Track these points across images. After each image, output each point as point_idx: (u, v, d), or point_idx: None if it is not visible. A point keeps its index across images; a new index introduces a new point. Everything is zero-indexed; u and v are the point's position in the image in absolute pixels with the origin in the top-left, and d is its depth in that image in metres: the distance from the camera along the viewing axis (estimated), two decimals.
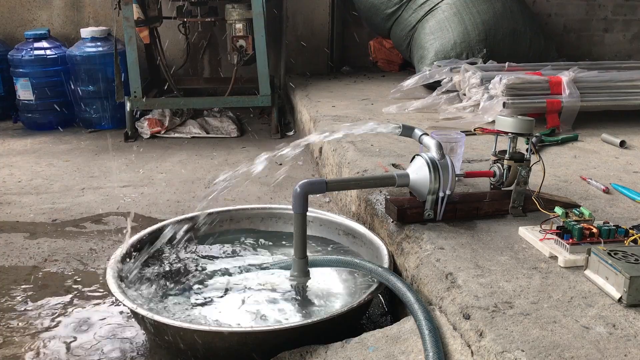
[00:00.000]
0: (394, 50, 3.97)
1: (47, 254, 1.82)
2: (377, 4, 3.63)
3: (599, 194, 1.69)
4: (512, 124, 1.49)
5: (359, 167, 1.95)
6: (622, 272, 1.07)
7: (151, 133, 3.22)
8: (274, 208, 1.82)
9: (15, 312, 1.50)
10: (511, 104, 2.41)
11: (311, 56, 4.02)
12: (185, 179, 2.51)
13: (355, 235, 1.64)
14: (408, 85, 2.99)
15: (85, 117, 3.44)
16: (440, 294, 1.18)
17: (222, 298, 1.43)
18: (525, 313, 1.05)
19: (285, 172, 2.49)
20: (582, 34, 4.46)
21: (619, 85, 2.59)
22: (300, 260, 1.43)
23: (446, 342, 1.06)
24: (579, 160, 2.06)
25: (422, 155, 1.45)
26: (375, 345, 1.11)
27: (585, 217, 1.31)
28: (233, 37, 3.15)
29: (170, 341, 1.27)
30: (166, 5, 3.46)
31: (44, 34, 3.44)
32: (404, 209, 1.47)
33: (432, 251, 1.32)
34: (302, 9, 3.92)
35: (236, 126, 3.31)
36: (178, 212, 2.09)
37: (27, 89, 3.37)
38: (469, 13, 3.27)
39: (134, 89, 3.10)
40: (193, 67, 3.96)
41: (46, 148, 3.05)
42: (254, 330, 1.22)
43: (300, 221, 1.38)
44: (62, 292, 1.59)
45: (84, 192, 2.37)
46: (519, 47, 3.35)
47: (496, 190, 1.58)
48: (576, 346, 0.95)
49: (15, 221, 2.07)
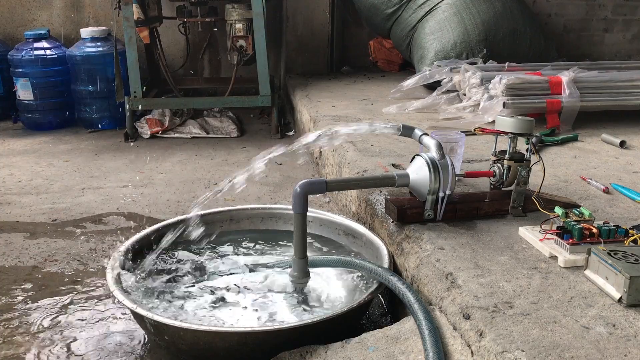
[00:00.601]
0: (394, 50, 3.97)
1: (47, 254, 1.82)
2: (377, 4, 3.63)
3: (599, 194, 1.69)
4: (512, 124, 1.49)
5: (359, 167, 1.95)
6: (622, 272, 1.07)
7: (151, 133, 3.22)
8: (274, 208, 1.82)
9: (15, 312, 1.50)
10: (511, 104, 2.41)
11: (311, 56, 4.02)
12: (185, 179, 2.51)
13: (355, 235, 1.64)
14: (408, 85, 2.99)
15: (85, 117, 3.44)
16: (440, 294, 1.18)
17: (222, 298, 1.43)
18: (525, 313, 1.05)
19: (282, 170, 2.48)
20: (582, 34, 4.45)
21: (619, 85, 2.59)
22: (301, 260, 1.43)
23: (446, 342, 1.06)
24: (579, 160, 2.06)
25: (422, 155, 1.45)
26: (375, 345, 1.11)
27: (585, 217, 1.30)
28: (233, 37, 3.15)
29: (170, 341, 1.27)
30: (166, 5, 3.46)
31: (44, 34, 3.44)
32: (404, 209, 1.47)
33: (432, 251, 1.32)
34: (302, 9, 3.92)
35: (236, 126, 3.31)
36: (178, 212, 2.09)
37: (27, 89, 3.37)
38: (469, 13, 3.27)
39: (134, 89, 3.10)
40: (193, 67, 3.96)
41: (46, 148, 3.05)
42: (254, 330, 1.22)
43: (300, 221, 1.38)
44: (62, 292, 1.59)
45: (84, 192, 2.37)
46: (519, 47, 3.35)
47: (496, 190, 1.58)
48: (576, 346, 0.95)
49: (15, 221, 2.07)
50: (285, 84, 3.69)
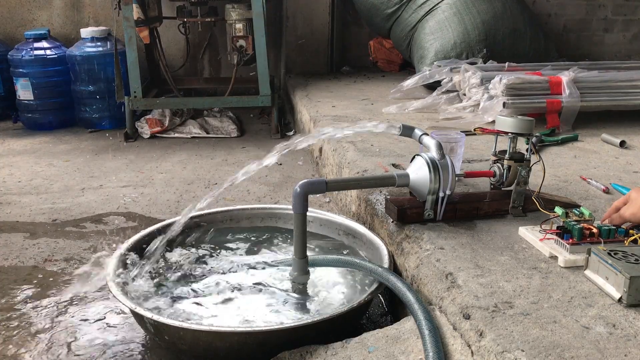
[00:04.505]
0: (394, 50, 3.97)
1: (47, 254, 1.82)
2: (377, 4, 3.63)
3: (599, 194, 1.69)
4: (512, 124, 1.49)
5: (359, 167, 1.95)
6: (622, 272, 1.07)
7: (151, 133, 3.22)
8: (274, 208, 1.82)
9: (15, 312, 1.50)
10: (511, 104, 2.41)
11: (311, 56, 4.02)
12: (185, 179, 2.51)
13: (355, 235, 1.64)
14: (408, 85, 2.99)
15: (85, 117, 3.44)
16: (440, 294, 1.18)
17: (222, 298, 1.42)
18: (525, 313, 1.05)
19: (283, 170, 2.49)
20: (582, 34, 4.46)
21: (619, 85, 2.59)
22: (300, 260, 1.43)
23: (446, 342, 1.06)
24: (579, 160, 2.06)
25: (422, 155, 1.45)
26: (375, 345, 1.11)
27: (585, 217, 1.30)
28: (233, 37, 3.15)
29: (170, 341, 1.27)
30: (166, 5, 3.46)
31: (44, 34, 3.44)
32: (404, 209, 1.47)
33: (432, 251, 1.32)
34: (302, 9, 3.92)
35: (236, 126, 3.31)
36: (178, 212, 2.08)
37: (27, 89, 3.37)
38: (469, 13, 3.27)
39: (134, 89, 3.10)
40: (193, 67, 3.97)
41: (46, 148, 3.05)
42: (254, 330, 1.22)
43: (301, 221, 1.38)
44: (62, 292, 1.59)
45: (84, 192, 2.37)
46: (519, 47, 3.35)
47: (496, 190, 1.58)
48: (576, 346, 0.95)
49: (15, 221, 2.07)
50: (285, 84, 3.69)
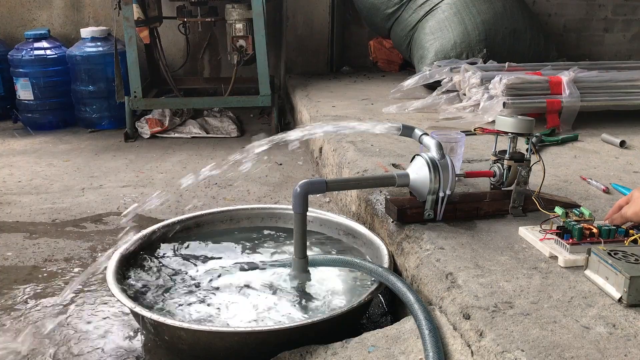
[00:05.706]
0: (394, 50, 3.97)
1: (47, 254, 1.82)
2: (377, 4, 3.63)
3: (599, 194, 1.69)
4: (512, 124, 1.49)
5: (359, 167, 1.95)
6: (622, 272, 1.07)
7: (151, 133, 3.22)
8: (274, 208, 1.82)
9: (15, 312, 1.50)
10: (511, 104, 2.41)
11: (311, 56, 4.02)
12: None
13: (356, 235, 1.64)
14: (408, 85, 2.99)
15: (85, 117, 3.44)
16: (440, 294, 1.18)
17: (222, 298, 1.42)
18: (525, 313, 1.05)
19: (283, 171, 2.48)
20: (582, 34, 4.45)
21: (619, 85, 2.59)
22: (300, 260, 1.43)
23: (446, 342, 1.06)
24: (579, 160, 2.06)
25: (422, 155, 1.45)
26: (375, 345, 1.11)
27: (585, 217, 1.30)
28: (233, 37, 3.15)
29: (170, 341, 1.27)
30: (166, 5, 3.46)
31: (44, 34, 3.44)
32: (404, 209, 1.47)
33: (432, 251, 1.32)
34: (302, 9, 3.92)
35: (236, 126, 3.31)
36: (178, 212, 2.09)
37: (27, 89, 3.37)
38: (469, 13, 3.27)
39: (134, 89, 3.10)
40: (193, 67, 3.96)
41: (46, 148, 3.05)
42: (254, 330, 1.22)
43: (301, 221, 1.38)
44: (62, 292, 1.59)
45: (84, 192, 2.37)
46: (519, 47, 3.35)
47: (496, 190, 1.58)
48: (576, 346, 0.95)
49: (15, 221, 2.07)
50: (285, 84, 3.69)
